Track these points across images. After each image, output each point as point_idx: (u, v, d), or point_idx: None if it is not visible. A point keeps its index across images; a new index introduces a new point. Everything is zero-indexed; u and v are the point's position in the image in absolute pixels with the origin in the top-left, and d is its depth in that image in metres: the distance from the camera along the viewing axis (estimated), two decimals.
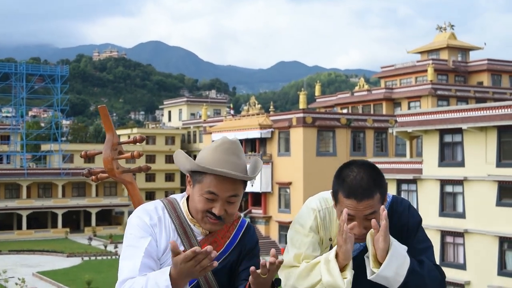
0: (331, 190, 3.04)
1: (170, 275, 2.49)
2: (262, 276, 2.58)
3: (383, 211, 2.79)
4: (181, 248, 2.79)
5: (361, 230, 2.91)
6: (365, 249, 3.02)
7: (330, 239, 3.10)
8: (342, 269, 2.86)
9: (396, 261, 2.82)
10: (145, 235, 2.74)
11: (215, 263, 2.42)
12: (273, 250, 2.57)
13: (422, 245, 3.05)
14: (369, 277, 2.85)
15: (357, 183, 2.88)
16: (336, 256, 2.87)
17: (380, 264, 2.82)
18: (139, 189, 3.55)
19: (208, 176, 2.76)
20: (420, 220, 3.14)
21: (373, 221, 2.80)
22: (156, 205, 2.88)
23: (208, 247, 2.39)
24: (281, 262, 2.58)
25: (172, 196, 3.01)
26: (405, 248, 2.90)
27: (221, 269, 2.82)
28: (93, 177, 3.62)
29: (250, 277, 2.62)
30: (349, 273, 2.86)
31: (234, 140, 2.87)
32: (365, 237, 2.92)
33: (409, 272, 2.85)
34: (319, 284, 2.92)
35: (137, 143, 3.67)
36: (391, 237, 2.83)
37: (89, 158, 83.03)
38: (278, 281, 2.79)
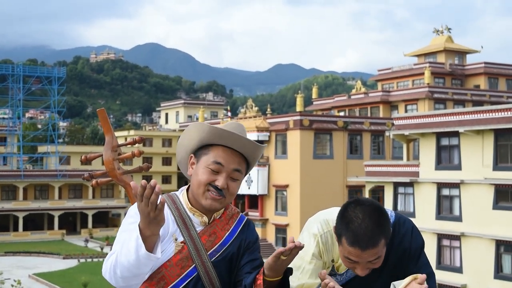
0: (334, 230, 2.93)
1: (139, 227, 2.55)
2: (283, 258, 2.60)
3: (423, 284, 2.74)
4: (180, 238, 2.83)
5: (365, 272, 2.88)
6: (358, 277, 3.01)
7: (333, 261, 3.07)
8: None
9: None
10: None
11: (163, 199, 2.46)
12: (291, 237, 2.58)
13: (424, 272, 2.98)
14: None
15: (362, 232, 2.77)
16: None
17: None
18: None
19: (216, 148, 2.85)
20: (423, 244, 3.10)
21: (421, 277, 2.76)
22: None
23: (152, 181, 2.44)
24: (302, 247, 2.58)
25: (172, 192, 3.04)
26: None
27: (220, 261, 2.85)
28: (94, 182, 3.62)
29: (269, 258, 2.63)
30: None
31: (240, 123, 2.98)
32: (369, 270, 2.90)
33: None
34: None
35: (138, 144, 3.67)
36: None
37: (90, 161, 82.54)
38: (290, 270, 2.78)
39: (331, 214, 3.06)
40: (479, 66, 69.98)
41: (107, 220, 77.71)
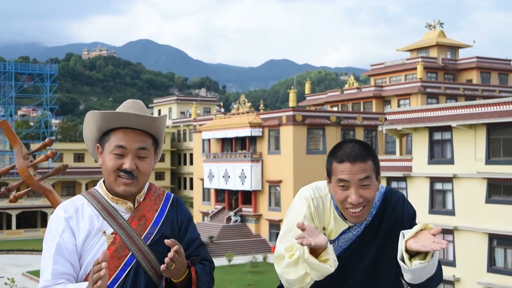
0: (326, 169, 3.04)
1: None
2: (170, 269, 2.61)
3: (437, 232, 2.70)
4: (110, 230, 2.79)
5: (357, 198, 2.89)
6: (357, 241, 3.03)
7: (324, 228, 3.07)
8: (320, 253, 2.78)
9: (430, 267, 2.77)
10: (54, 236, 2.75)
11: (103, 273, 2.36)
12: (167, 241, 2.59)
13: None
14: (399, 258, 2.75)
15: (350, 150, 2.95)
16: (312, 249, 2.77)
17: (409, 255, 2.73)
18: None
19: (115, 132, 2.80)
20: (414, 212, 3.14)
21: (435, 229, 2.70)
22: (73, 199, 2.90)
23: (100, 258, 2.37)
24: (177, 251, 2.58)
25: (92, 188, 3.00)
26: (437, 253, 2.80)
27: (156, 242, 2.81)
28: (11, 197, 3.61)
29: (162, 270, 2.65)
30: (331, 253, 2.80)
31: (137, 100, 2.95)
32: (362, 209, 2.91)
33: (429, 279, 2.83)
34: (308, 276, 2.87)
35: (48, 147, 3.62)
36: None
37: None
38: (194, 261, 2.80)
39: (324, 183, 3.11)
40: (472, 61, 70.12)
41: None
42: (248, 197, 59.70)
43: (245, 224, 59.19)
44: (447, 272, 33.02)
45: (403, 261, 2.73)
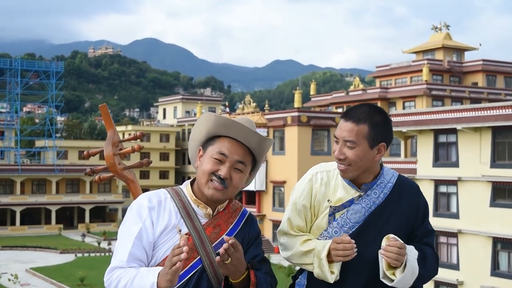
0: None
1: (158, 274, 2.57)
2: (227, 263, 2.66)
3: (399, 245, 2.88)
4: (185, 229, 2.84)
5: (337, 154, 3.04)
6: (361, 228, 3.07)
7: (329, 200, 3.12)
8: (331, 263, 2.99)
9: (409, 276, 2.92)
10: (138, 221, 2.81)
11: (183, 256, 2.45)
12: (225, 236, 2.67)
13: (429, 228, 3.17)
14: (381, 278, 2.94)
15: (354, 110, 3.08)
16: (329, 252, 2.98)
17: (391, 267, 2.93)
18: None
19: (222, 139, 2.89)
20: (427, 204, 3.22)
21: (393, 237, 2.90)
22: (158, 191, 2.96)
23: (182, 242, 2.48)
24: (233, 243, 2.63)
25: (177, 186, 3.06)
26: (415, 257, 2.95)
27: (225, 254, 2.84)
28: (97, 177, 3.63)
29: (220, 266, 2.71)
30: (336, 268, 2.99)
31: (250, 119, 3.01)
32: (345, 167, 3.02)
33: (416, 280, 2.98)
34: (310, 267, 3.07)
35: (139, 139, 3.67)
36: (407, 249, 2.91)
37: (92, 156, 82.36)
38: (253, 263, 2.85)
39: (334, 162, 3.20)
40: (477, 64, 69.94)
41: (104, 215, 77.70)
42: (252, 197, 59.71)
43: None
44: (451, 275, 32.99)
45: (385, 278, 2.92)
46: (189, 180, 3.02)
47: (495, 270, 31.57)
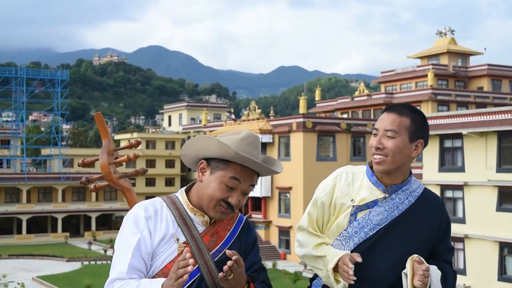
0: None
1: (162, 286, 2.56)
2: (228, 278, 2.66)
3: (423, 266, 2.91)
4: (182, 238, 2.81)
5: (376, 143, 3.05)
6: (382, 233, 3.07)
7: (352, 200, 3.12)
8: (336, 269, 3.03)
9: None
10: (135, 231, 2.78)
11: (190, 269, 2.46)
12: (228, 251, 2.65)
13: (449, 246, 3.18)
14: None
15: (397, 103, 3.15)
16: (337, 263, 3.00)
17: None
18: (139, 193, 3.57)
19: (234, 165, 2.80)
20: (450, 221, 3.23)
21: (418, 257, 2.92)
22: (153, 200, 2.92)
23: (187, 255, 2.47)
24: (237, 258, 2.63)
25: (171, 194, 3.04)
26: (439, 277, 2.97)
27: (223, 261, 2.79)
28: (92, 186, 3.63)
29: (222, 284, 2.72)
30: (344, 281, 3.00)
31: (256, 135, 2.94)
32: (382, 158, 3.02)
33: None
34: (319, 272, 3.11)
35: (134, 148, 3.65)
36: (430, 270, 2.93)
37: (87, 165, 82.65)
38: (253, 277, 2.85)
39: (362, 166, 3.24)
40: (482, 68, 69.88)
41: (111, 222, 77.72)
42: (258, 203, 59.65)
43: (254, 230, 59.13)
44: (458, 281, 32.62)
45: None
46: (184, 188, 2.98)
47: (502, 275, 31.46)
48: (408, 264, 2.90)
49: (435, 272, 2.93)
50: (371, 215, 3.07)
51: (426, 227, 3.08)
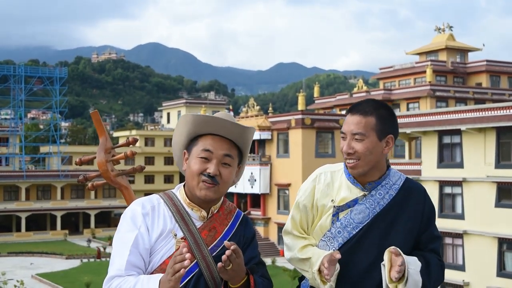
0: None
1: (160, 281, 2.57)
2: (227, 269, 2.67)
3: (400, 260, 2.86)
4: (180, 234, 2.82)
5: (346, 149, 3.02)
6: (365, 230, 3.06)
7: (332, 201, 3.11)
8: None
9: (413, 285, 2.89)
10: (133, 228, 2.79)
11: (187, 264, 2.46)
12: (226, 242, 2.65)
13: (435, 234, 3.14)
14: None
15: (359, 103, 3.11)
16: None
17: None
18: (138, 190, 3.56)
19: (204, 137, 2.88)
20: (434, 208, 3.21)
21: (394, 249, 2.87)
22: (150, 197, 2.94)
23: (184, 249, 2.47)
24: (236, 249, 2.63)
25: (169, 190, 3.05)
26: (418, 269, 2.92)
27: (221, 256, 2.79)
28: (90, 184, 3.63)
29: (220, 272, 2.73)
30: (333, 280, 2.99)
31: (228, 113, 3.04)
32: (355, 162, 3.01)
33: None
34: (306, 273, 3.11)
35: (132, 145, 3.65)
36: (406, 261, 2.88)
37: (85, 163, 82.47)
38: (253, 268, 2.86)
39: (340, 163, 3.21)
40: (481, 64, 69.81)
41: (110, 220, 77.68)
42: (257, 200, 59.69)
43: (253, 227, 59.19)
44: (457, 277, 32.91)
45: None
46: (182, 184, 2.99)
47: (501, 271, 31.49)
48: (386, 256, 2.88)
49: (414, 264, 2.89)
50: (352, 214, 3.06)
51: (409, 218, 3.06)
